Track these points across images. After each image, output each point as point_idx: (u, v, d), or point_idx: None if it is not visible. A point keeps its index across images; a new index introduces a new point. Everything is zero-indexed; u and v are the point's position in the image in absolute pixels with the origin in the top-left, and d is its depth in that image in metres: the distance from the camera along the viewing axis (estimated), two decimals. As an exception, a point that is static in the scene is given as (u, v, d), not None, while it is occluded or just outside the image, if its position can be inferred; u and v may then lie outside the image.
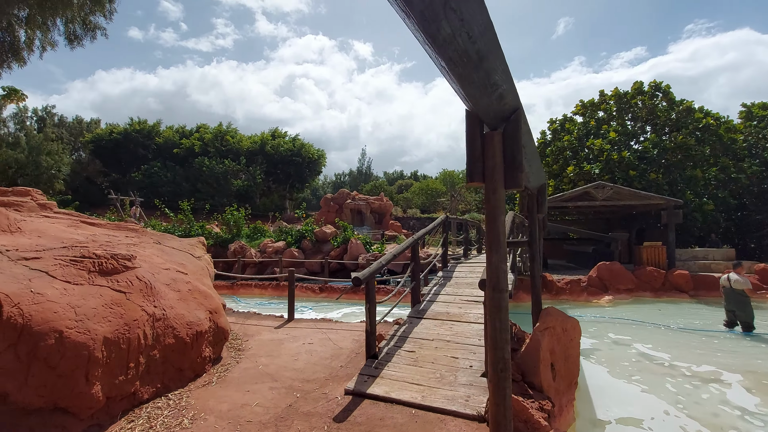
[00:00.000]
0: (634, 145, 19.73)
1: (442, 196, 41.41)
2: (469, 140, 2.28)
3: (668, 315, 9.91)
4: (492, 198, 2.23)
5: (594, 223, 21.49)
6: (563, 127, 22.40)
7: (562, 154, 21.00)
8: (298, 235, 16.75)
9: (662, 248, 12.94)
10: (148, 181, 39.35)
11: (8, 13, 7.65)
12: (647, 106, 19.45)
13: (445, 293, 5.82)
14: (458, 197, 20.35)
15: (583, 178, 18.52)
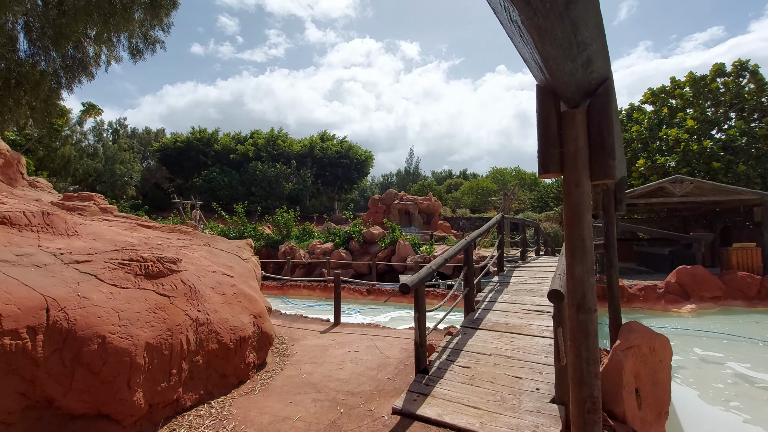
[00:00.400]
0: (716, 134, 17.53)
1: (493, 195, 39.92)
2: (542, 121, 1.85)
3: (767, 328, 8.53)
4: (574, 192, 1.78)
5: (667, 221, 19.39)
6: (630, 117, 20.51)
7: (631, 146, 19.20)
8: (346, 237, 16.76)
9: (757, 250, 11.24)
10: (207, 186, 41.90)
11: (78, 31, 8.28)
12: (731, 90, 17.15)
13: (503, 301, 5.30)
14: (511, 196, 19.33)
15: (656, 172, 16.76)
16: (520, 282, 5.99)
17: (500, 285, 5.93)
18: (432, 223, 34.21)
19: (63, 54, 8.61)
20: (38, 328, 2.74)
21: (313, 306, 11.98)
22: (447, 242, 25.69)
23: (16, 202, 5.08)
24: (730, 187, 12.15)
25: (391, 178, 66.58)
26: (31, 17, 7.92)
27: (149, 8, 9.90)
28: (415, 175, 58.56)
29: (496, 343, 4.09)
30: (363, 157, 44.58)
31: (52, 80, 8.84)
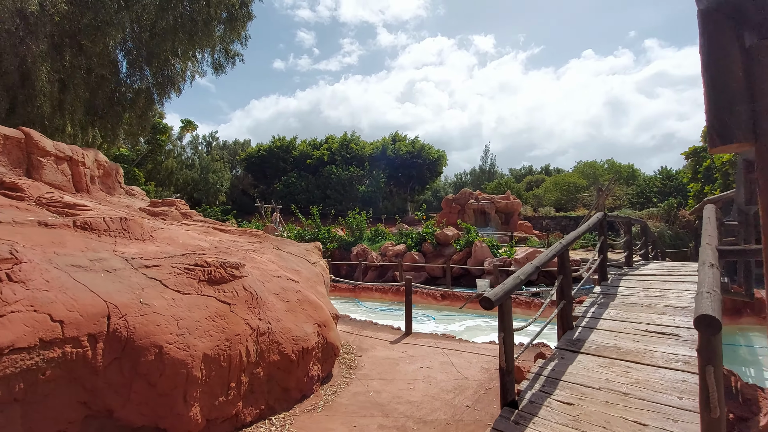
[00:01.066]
0: None
1: (581, 191, 36.40)
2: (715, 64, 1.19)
3: None
4: (783, 167, 1.08)
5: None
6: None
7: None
8: (419, 238, 16.28)
9: None
10: (286, 190, 44.50)
11: (166, 50, 9.06)
12: None
13: (610, 317, 4.37)
14: (606, 191, 17.18)
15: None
16: (630, 294, 4.94)
17: (604, 297, 4.95)
18: (511, 223, 32.18)
19: (154, 72, 9.56)
20: (99, 335, 2.69)
21: (385, 310, 11.69)
22: (529, 243, 23.86)
23: (107, 208, 5.48)
24: None
25: (465, 177, 64.58)
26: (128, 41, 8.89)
27: (227, 22, 10.52)
28: (490, 173, 56.04)
29: (605, 373, 3.28)
30: (435, 156, 43.75)
31: (145, 97, 9.87)
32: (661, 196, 33.41)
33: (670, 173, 37.60)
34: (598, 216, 5.61)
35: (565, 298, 4.26)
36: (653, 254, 10.27)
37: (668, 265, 7.46)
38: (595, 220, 5.48)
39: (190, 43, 9.47)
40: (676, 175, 37.05)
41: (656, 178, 38.12)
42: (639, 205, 34.23)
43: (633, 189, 37.30)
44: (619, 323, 4.17)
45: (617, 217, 6.74)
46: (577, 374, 3.33)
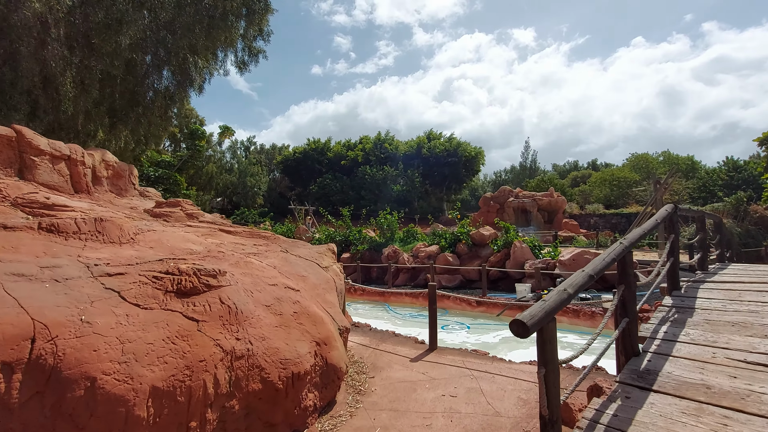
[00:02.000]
0: None
1: (634, 185, 33.62)
2: None
3: None
4: None
5: None
6: None
7: None
8: (453, 239, 15.29)
9: None
10: (321, 192, 44.72)
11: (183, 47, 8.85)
12: None
13: (690, 340, 3.33)
14: (665, 185, 15.37)
15: None
16: (714, 308, 3.83)
17: (677, 312, 3.89)
18: (555, 221, 30.18)
19: (173, 71, 9.41)
20: (16, 364, 2.14)
21: (415, 317, 10.87)
22: (575, 243, 22.07)
23: (104, 209, 5.11)
24: None
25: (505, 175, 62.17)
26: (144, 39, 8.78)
27: (246, 17, 10.21)
28: (532, 170, 53.47)
29: (692, 425, 2.33)
30: (472, 154, 42.22)
31: (164, 97, 9.77)
32: (728, 190, 30.09)
33: (738, 164, 33.91)
34: (667, 209, 4.51)
35: (628, 315, 3.29)
36: (728, 255, 8.74)
37: (755, 268, 6.11)
38: (664, 214, 4.39)
39: (208, 38, 9.22)
40: (745, 165, 33.34)
41: (721, 170, 34.52)
42: (701, 200, 31.05)
43: (693, 183, 33.98)
44: (704, 349, 3.14)
45: (689, 211, 5.56)
46: (651, 425, 2.39)
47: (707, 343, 3.23)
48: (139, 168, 25.82)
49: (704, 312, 3.84)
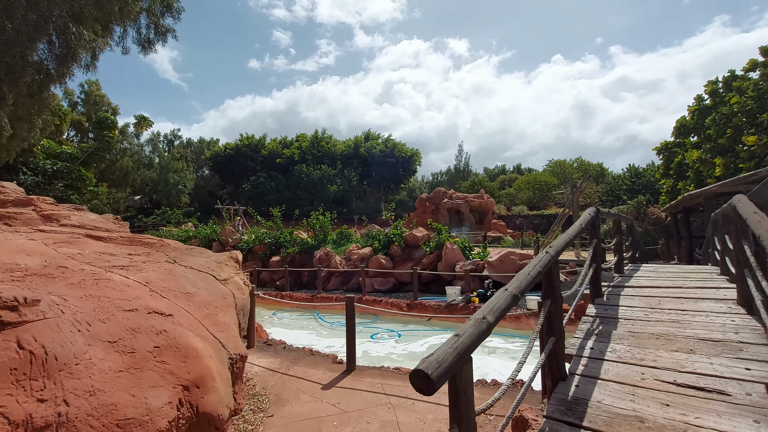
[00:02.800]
0: None
1: (553, 189, 36.01)
2: None
3: None
4: None
5: None
6: (729, 87, 16.51)
7: (731, 121, 15.33)
8: (386, 240, 14.83)
9: None
10: (255, 191, 42.29)
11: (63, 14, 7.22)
12: None
13: (617, 357, 3.01)
14: (580, 188, 16.33)
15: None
16: (636, 318, 3.62)
17: (602, 323, 3.63)
18: (485, 222, 31.27)
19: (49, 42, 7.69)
20: None
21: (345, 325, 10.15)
22: (503, 243, 22.88)
23: None
24: None
25: (441, 176, 63.80)
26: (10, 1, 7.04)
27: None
28: (465, 173, 55.43)
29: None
30: (409, 155, 42.56)
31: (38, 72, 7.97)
32: (630, 194, 33.33)
33: (638, 171, 37.74)
34: (590, 213, 4.29)
35: (555, 334, 2.87)
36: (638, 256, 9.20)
37: (665, 270, 6.28)
38: (588, 218, 4.16)
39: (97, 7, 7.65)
40: (644, 172, 37.21)
41: (625, 176, 38.19)
42: (609, 202, 34.07)
43: (602, 187, 37.23)
44: (632, 369, 2.81)
45: (607, 214, 5.54)
46: (585, 485, 1.92)
47: (635, 361, 2.92)
48: (32, 160, 22.06)
49: (628, 323, 3.60)
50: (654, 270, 6.25)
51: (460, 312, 9.42)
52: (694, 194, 12.00)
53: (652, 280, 5.20)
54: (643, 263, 8.93)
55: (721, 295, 4.01)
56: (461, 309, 9.44)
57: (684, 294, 4.21)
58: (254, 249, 17.68)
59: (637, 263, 7.44)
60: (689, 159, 17.26)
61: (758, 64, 16.11)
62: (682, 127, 19.14)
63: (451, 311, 9.57)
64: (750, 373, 2.50)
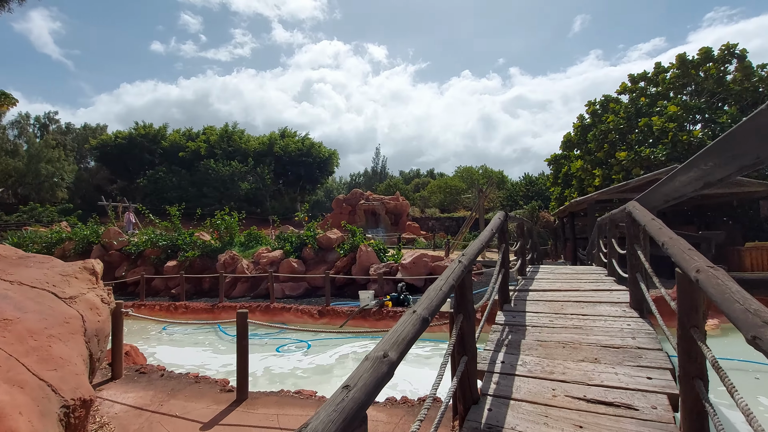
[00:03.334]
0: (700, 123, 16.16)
1: (461, 193, 38.22)
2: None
3: None
4: None
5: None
6: (606, 108, 18.98)
7: (607, 137, 17.62)
8: (299, 243, 13.95)
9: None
10: (153, 187, 37.60)
11: None
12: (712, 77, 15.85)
13: (527, 372, 2.82)
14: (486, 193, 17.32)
15: (640, 165, 15.13)
16: (543, 325, 3.56)
17: (511, 331, 3.50)
18: (400, 223, 31.86)
19: None
20: None
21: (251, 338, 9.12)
22: (417, 245, 23.39)
23: None
24: (737, 179, 10.48)
25: (358, 178, 63.86)
26: None
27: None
28: (382, 175, 56.24)
29: None
30: (326, 155, 41.66)
31: None
32: (526, 200, 36.86)
33: (532, 179, 41.93)
34: (500, 217, 4.20)
35: (467, 353, 2.57)
36: (536, 257, 9.84)
37: (561, 271, 6.64)
38: (498, 222, 4.05)
39: None
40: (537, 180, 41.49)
41: (521, 184, 42.12)
42: (508, 207, 37.22)
43: (503, 193, 40.63)
44: (542, 385, 2.63)
45: (513, 218, 5.64)
46: None
47: (545, 375, 2.75)
48: None
49: (535, 330, 3.51)
50: (551, 272, 6.57)
51: (373, 317, 9.08)
52: (580, 200, 13.39)
53: (552, 282, 5.38)
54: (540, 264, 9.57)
55: (615, 298, 4.19)
56: (374, 314, 9.11)
57: (583, 297, 4.32)
58: (146, 253, 15.38)
59: (536, 264, 7.87)
60: (574, 169, 19.42)
61: (627, 88, 18.77)
62: (568, 141, 21.51)
63: (364, 317, 9.18)
64: (652, 382, 2.47)
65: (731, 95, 15.17)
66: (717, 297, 1.50)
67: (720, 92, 15.66)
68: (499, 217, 4.22)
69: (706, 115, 15.98)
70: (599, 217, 8.01)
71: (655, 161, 14.50)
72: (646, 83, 17.88)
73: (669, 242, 2.24)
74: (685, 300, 2.01)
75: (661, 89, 16.99)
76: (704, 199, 12.59)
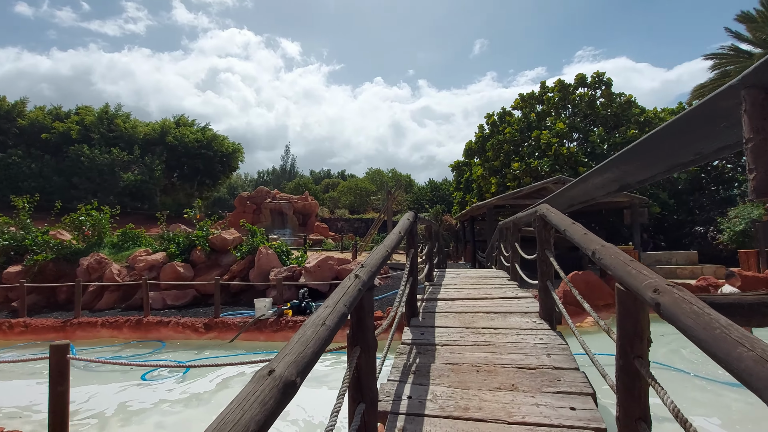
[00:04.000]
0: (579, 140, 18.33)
1: (371, 195, 38.35)
2: None
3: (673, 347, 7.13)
4: None
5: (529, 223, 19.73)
6: (503, 120, 20.51)
7: (503, 148, 19.00)
8: (188, 244, 12.03)
9: (635, 253, 10.99)
10: (3, 174, 30.20)
11: None
12: (585, 100, 18.17)
13: (438, 410, 2.28)
14: (394, 195, 17.28)
15: (530, 175, 16.52)
16: (454, 342, 3.08)
17: (419, 353, 2.96)
18: (308, 224, 30.54)
19: None
20: None
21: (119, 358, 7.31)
22: (324, 246, 22.48)
23: None
24: (606, 190, 11.90)
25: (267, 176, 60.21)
26: None
27: None
28: (291, 174, 53.87)
29: None
30: (230, 149, 38.16)
31: None
32: (431, 203, 38.52)
33: (437, 184, 44.07)
34: (409, 217, 3.69)
35: (364, 398, 1.91)
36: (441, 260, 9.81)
37: (466, 276, 6.49)
38: (407, 224, 3.51)
39: None
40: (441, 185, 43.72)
41: (427, 188, 43.96)
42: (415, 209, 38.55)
43: (410, 196, 41.93)
44: (457, 428, 2.11)
45: (422, 220, 5.26)
46: None
47: (459, 413, 2.23)
48: None
49: (446, 350, 3.03)
50: (457, 276, 6.39)
51: (270, 328, 8.01)
52: (479, 205, 14.01)
53: (460, 289, 5.09)
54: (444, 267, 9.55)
55: (524, 307, 3.97)
56: (272, 325, 8.05)
57: (492, 307, 4.03)
58: (-26, 256, 11.86)
59: (442, 268, 7.72)
60: (474, 176, 20.56)
61: (519, 105, 20.49)
62: (469, 149, 22.77)
63: (260, 328, 8.07)
64: (576, 414, 2.10)
65: (599, 117, 17.49)
66: (700, 333, 1.06)
67: (590, 114, 17.95)
68: (408, 218, 3.71)
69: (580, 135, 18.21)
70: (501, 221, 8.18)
71: (542, 172, 15.94)
72: (535, 101, 19.75)
73: (602, 251, 1.88)
74: (628, 324, 1.63)
75: (546, 108, 18.88)
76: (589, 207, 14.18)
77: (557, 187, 12.13)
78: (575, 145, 16.14)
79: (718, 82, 17.36)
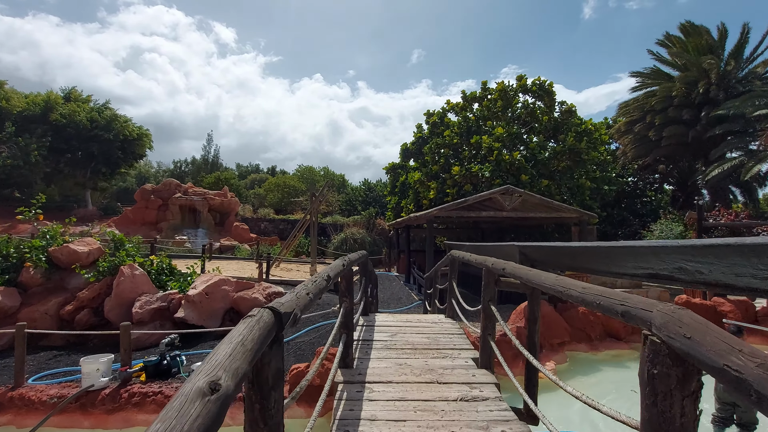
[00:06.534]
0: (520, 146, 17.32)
1: (300, 195, 35.02)
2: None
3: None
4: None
5: (465, 233, 18.45)
6: (443, 122, 18.93)
7: (442, 152, 17.39)
8: (17, 258, 8.19)
9: (587, 278, 9.72)
10: None
11: None
12: (527, 107, 17.31)
13: None
14: (320, 197, 14.71)
15: (470, 181, 15.01)
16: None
17: None
18: (226, 224, 26.34)
19: None
20: None
21: None
22: (237, 253, 18.92)
23: None
24: (555, 203, 10.59)
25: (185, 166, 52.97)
26: None
27: None
28: (213, 165, 47.94)
29: None
30: (135, 134, 32.12)
31: None
32: (364, 205, 36.30)
33: (371, 185, 42.03)
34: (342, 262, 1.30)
35: None
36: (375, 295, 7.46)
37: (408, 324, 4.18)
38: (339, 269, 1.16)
39: None
40: (375, 187, 41.78)
41: (361, 189, 41.72)
42: (347, 211, 35.97)
43: (343, 197, 39.32)
44: None
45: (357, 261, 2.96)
46: None
47: None
48: None
49: None
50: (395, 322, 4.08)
51: (102, 406, 4.96)
52: (419, 216, 12.04)
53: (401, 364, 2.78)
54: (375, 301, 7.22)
55: None
56: (108, 398, 5.01)
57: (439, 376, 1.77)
58: None
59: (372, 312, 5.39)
60: (411, 180, 18.71)
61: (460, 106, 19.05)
62: (406, 150, 20.93)
63: (86, 406, 4.97)
64: None
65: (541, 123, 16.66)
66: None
67: (530, 121, 17.08)
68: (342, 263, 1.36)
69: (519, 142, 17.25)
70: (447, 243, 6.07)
71: (482, 178, 14.49)
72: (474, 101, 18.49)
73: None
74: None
75: (487, 113, 17.65)
76: (522, 220, 12.90)
77: (504, 198, 10.56)
78: (518, 151, 14.97)
79: (642, 101, 17.59)
